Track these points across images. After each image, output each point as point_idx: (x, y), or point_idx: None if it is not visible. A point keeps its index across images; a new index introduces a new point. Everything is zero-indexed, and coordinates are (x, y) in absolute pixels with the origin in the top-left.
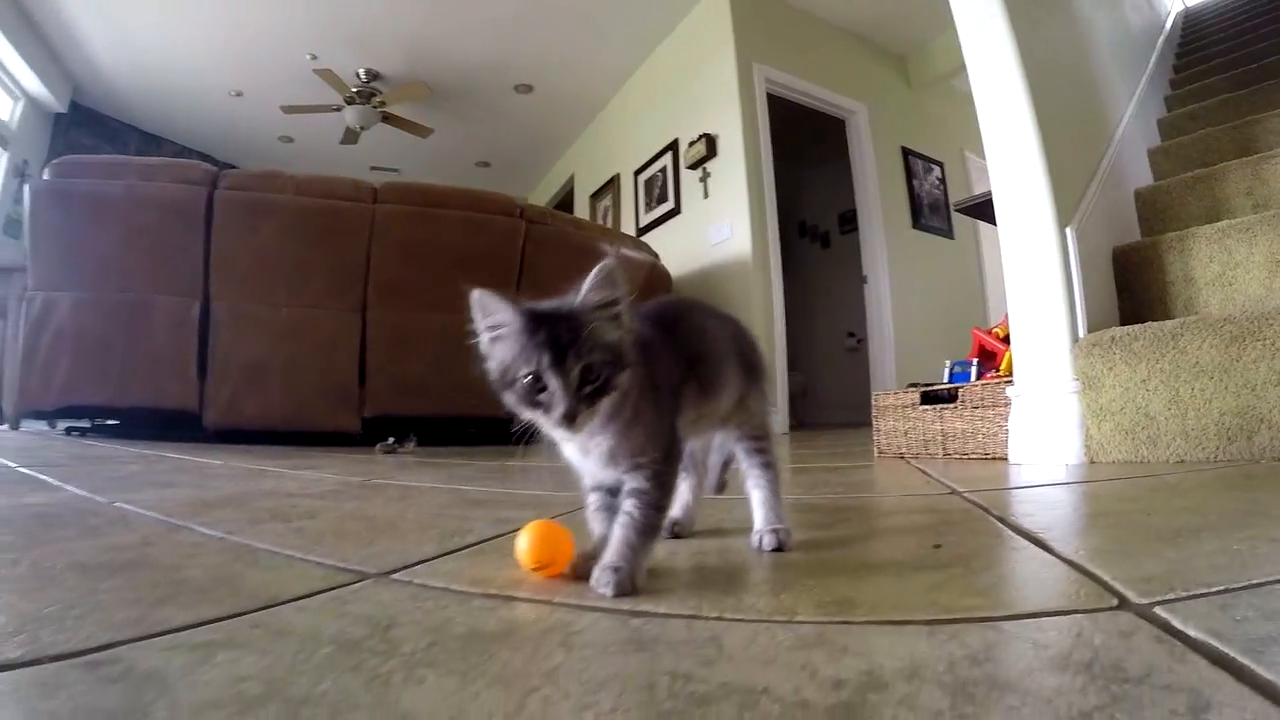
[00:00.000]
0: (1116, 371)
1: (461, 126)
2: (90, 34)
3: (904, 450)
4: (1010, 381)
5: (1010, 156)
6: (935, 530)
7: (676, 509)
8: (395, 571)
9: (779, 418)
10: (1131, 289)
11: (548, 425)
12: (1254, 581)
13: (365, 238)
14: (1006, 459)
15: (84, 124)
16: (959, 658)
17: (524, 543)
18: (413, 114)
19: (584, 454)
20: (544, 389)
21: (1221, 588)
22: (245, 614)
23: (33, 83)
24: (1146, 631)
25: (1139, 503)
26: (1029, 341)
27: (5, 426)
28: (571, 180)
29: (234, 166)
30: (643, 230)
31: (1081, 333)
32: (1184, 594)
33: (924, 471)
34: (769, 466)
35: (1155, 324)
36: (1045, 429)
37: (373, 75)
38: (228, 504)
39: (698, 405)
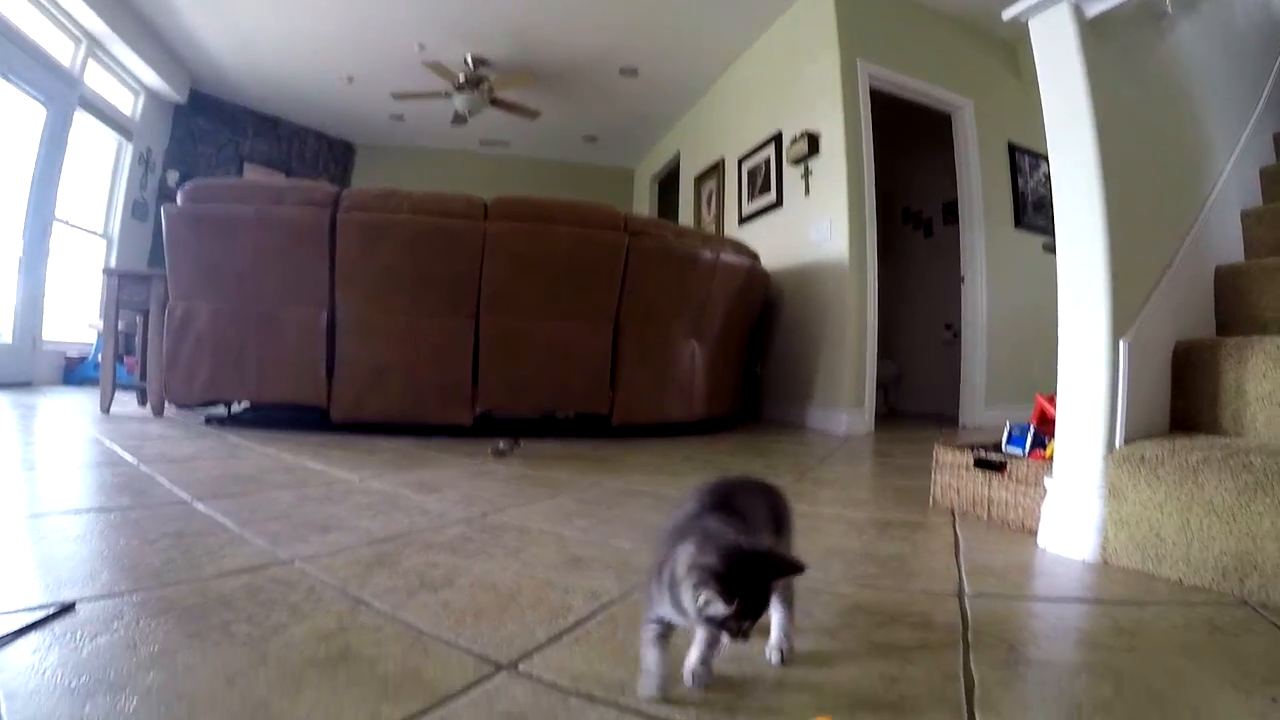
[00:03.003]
0: (1139, 489)
1: (569, 106)
2: (204, 29)
3: (955, 505)
4: (1050, 469)
5: (1075, 269)
6: (905, 657)
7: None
8: (520, 661)
9: (865, 414)
10: (1186, 388)
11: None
12: None
13: (478, 251)
14: (1036, 535)
15: (202, 110)
16: None
17: None
18: (520, 97)
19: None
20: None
21: None
22: (431, 709)
23: (151, 78)
24: None
25: (1102, 652)
26: (1070, 441)
27: (148, 409)
28: (678, 156)
29: (348, 143)
30: (745, 219)
31: (1119, 443)
32: None
33: (957, 545)
34: (786, 601)
35: (1182, 452)
36: (1071, 523)
37: (480, 61)
38: (383, 565)
39: None
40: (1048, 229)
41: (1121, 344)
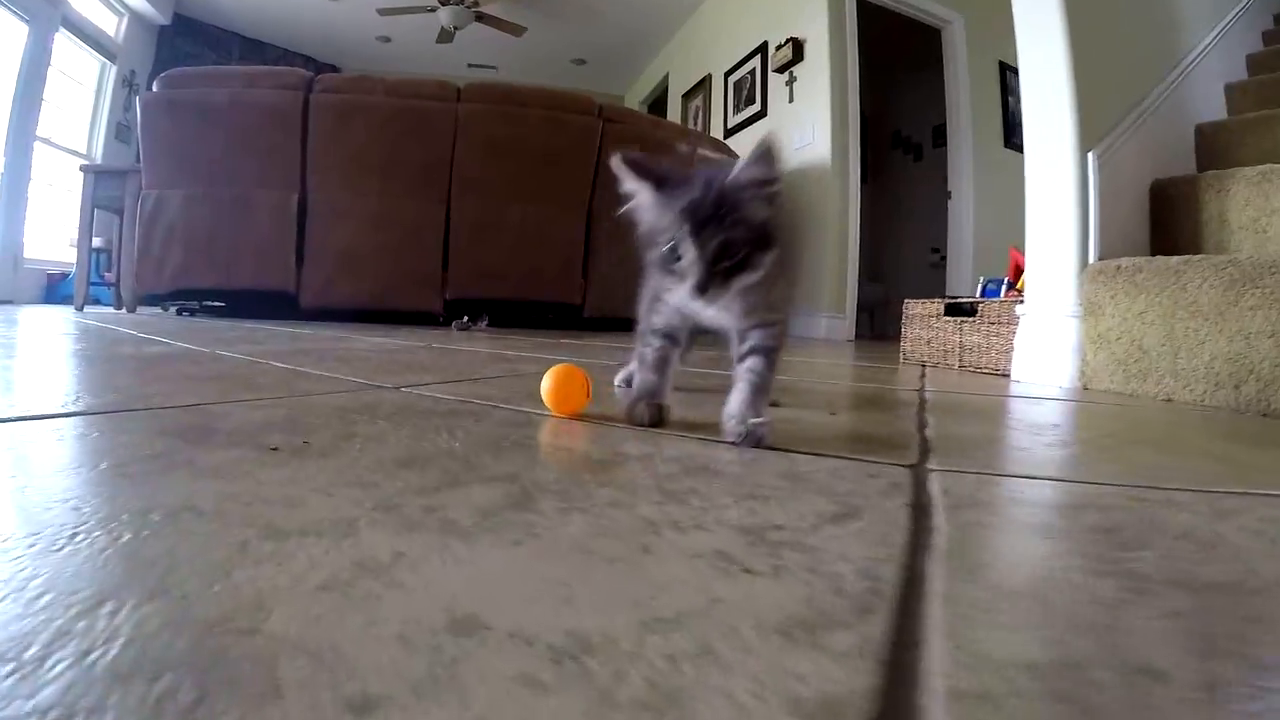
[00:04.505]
0: (1117, 300)
1: (556, 25)
2: None
3: (925, 359)
4: (1022, 298)
5: (1038, 73)
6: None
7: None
8: (402, 387)
9: (846, 320)
10: (1165, 225)
11: (680, 294)
12: None
13: (450, 135)
14: (1009, 377)
15: (187, 33)
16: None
17: (547, 383)
18: (506, 13)
19: (707, 307)
20: (680, 258)
21: None
22: (286, 398)
23: None
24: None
25: (1067, 416)
26: (1041, 262)
27: (123, 311)
28: (666, 79)
29: (335, 67)
30: (730, 131)
31: (1092, 259)
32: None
33: (923, 375)
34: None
35: (1161, 258)
36: (1046, 350)
37: None
38: (304, 354)
39: None
40: None
41: (1090, 156)
